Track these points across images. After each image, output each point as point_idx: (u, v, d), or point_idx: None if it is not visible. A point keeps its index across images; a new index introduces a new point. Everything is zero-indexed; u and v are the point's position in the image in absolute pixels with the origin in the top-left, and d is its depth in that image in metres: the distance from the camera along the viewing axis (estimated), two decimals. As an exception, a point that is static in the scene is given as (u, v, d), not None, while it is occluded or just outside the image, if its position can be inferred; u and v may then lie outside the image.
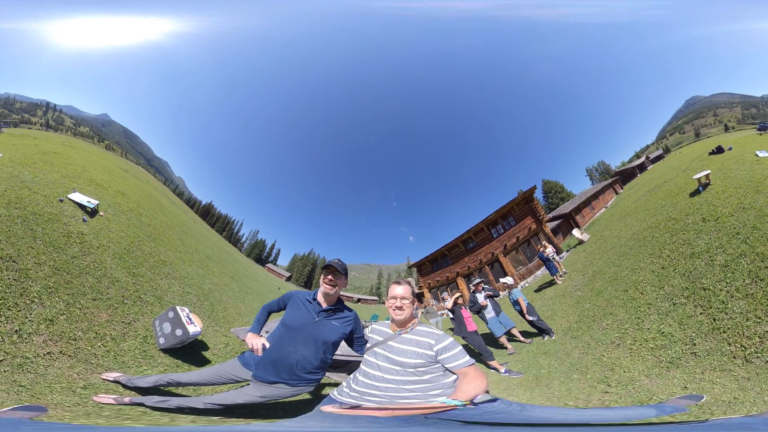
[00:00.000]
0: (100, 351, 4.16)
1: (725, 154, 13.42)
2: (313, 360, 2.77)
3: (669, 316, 5.44)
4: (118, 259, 6.40)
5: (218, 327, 7.05)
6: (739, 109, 20.51)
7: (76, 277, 4.91)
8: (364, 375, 2.31)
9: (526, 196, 17.84)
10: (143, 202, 12.67)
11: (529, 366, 6.27)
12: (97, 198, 8.76)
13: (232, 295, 9.92)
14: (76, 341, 4.02)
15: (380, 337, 2.49)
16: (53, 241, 5.35)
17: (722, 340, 4.35)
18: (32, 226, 5.38)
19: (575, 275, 11.30)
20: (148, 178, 19.58)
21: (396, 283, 2.52)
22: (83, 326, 4.29)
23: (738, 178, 9.19)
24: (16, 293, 4.00)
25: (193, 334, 4.84)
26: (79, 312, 4.42)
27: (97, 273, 5.42)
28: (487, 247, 18.31)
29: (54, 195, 7.02)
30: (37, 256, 4.78)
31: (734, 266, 5.47)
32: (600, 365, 5.14)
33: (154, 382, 3.25)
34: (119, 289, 5.55)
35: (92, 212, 7.54)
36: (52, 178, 8.10)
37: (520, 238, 17.45)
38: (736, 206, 7.38)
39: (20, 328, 3.66)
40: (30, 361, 3.40)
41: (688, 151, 18.61)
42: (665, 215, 9.68)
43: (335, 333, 2.82)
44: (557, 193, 21.10)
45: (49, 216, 5.94)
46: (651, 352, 4.83)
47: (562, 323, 7.93)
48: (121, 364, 4.13)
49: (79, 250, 5.60)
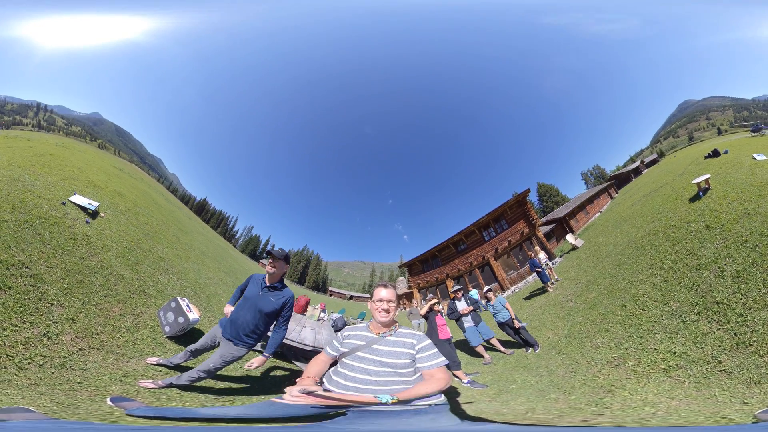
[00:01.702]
0: (120, 341, 4.48)
1: (721, 158, 12.74)
2: (251, 324, 3.55)
3: (680, 334, 4.86)
4: (121, 258, 6.61)
5: (214, 318, 7.33)
6: (731, 112, 20.10)
7: (86, 277, 5.15)
8: (345, 378, 2.14)
9: (520, 199, 17.20)
10: (139, 201, 12.72)
11: (500, 379, 5.87)
12: (96, 199, 8.87)
13: (227, 289, 10.15)
14: (99, 335, 4.31)
15: (361, 341, 2.34)
16: (61, 244, 5.54)
17: (752, 353, 3.90)
18: (39, 230, 5.54)
19: (568, 284, 10.68)
20: (142, 176, 19.42)
21: (382, 286, 2.50)
22: (101, 321, 4.57)
23: (738, 183, 8.70)
24: (35, 298, 4.17)
25: (192, 321, 5.25)
26: (95, 309, 4.69)
27: (105, 271, 5.65)
28: (478, 250, 17.74)
29: (56, 198, 7.14)
30: (48, 260, 4.96)
31: (747, 276, 5.00)
32: (592, 386, 4.58)
33: (182, 358, 4.01)
34: (126, 285, 5.80)
35: (93, 214, 7.67)
36: (51, 180, 8.17)
37: (512, 242, 16.79)
38: (741, 212, 6.88)
39: (47, 330, 3.89)
40: (68, 359, 3.66)
41: (683, 155, 17.91)
42: (664, 222, 9.07)
43: (270, 306, 3.57)
44: (552, 196, 20.67)
45: (54, 219, 6.10)
46: (665, 374, 4.29)
47: (550, 336, 7.34)
48: (139, 351, 4.47)
49: (86, 251, 5.82)
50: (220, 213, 21.11)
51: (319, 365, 2.35)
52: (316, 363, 2.37)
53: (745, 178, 8.83)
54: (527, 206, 16.87)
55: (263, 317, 3.57)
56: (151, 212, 12.60)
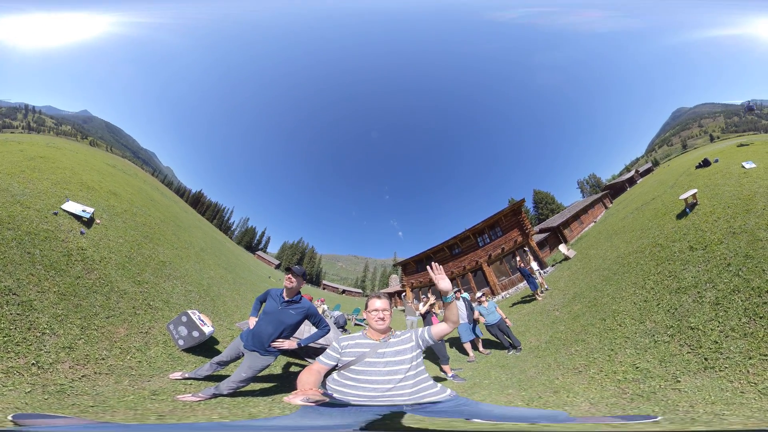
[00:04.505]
0: (133, 363, 4.10)
1: (712, 167, 12.22)
2: (273, 336, 3.71)
3: (648, 352, 4.71)
4: (121, 270, 6.05)
5: (222, 321, 6.96)
6: (722, 118, 19.44)
7: (84, 299, 4.60)
8: (358, 381, 2.24)
9: (515, 208, 16.77)
10: (135, 200, 11.91)
11: (478, 375, 5.96)
12: (90, 203, 8.15)
13: (228, 287, 9.70)
14: (105, 360, 3.91)
15: (366, 348, 2.39)
16: (54, 263, 4.90)
17: (720, 378, 3.69)
18: (29, 248, 4.88)
19: (556, 294, 10.44)
20: (136, 171, 18.33)
21: (376, 297, 2.59)
22: (105, 345, 4.13)
23: (726, 196, 8.28)
24: (22, 328, 3.64)
25: (208, 334, 5.00)
26: (96, 333, 4.21)
27: (105, 289, 5.11)
28: (472, 255, 17.42)
29: (47, 208, 6.44)
30: (39, 283, 4.36)
31: (727, 304, 4.70)
32: (546, 386, 4.66)
33: (209, 369, 4.00)
34: (129, 301, 5.29)
35: (89, 221, 7.01)
36: (42, 187, 7.41)
37: (505, 249, 16.49)
38: (726, 231, 6.48)
39: (37, 360, 3.41)
40: (68, 386, 3.25)
41: (676, 163, 17.43)
42: (651, 240, 8.67)
43: (291, 318, 3.77)
44: (547, 204, 20.01)
45: (45, 234, 5.44)
46: (616, 384, 4.26)
47: (532, 341, 7.35)
48: (157, 369, 4.13)
49: (82, 268, 5.22)
50: (215, 205, 20.24)
51: (313, 375, 2.29)
52: (310, 373, 2.29)
53: (733, 189, 8.49)
54: (522, 215, 16.57)
55: (286, 328, 3.76)
56: (149, 210, 11.84)
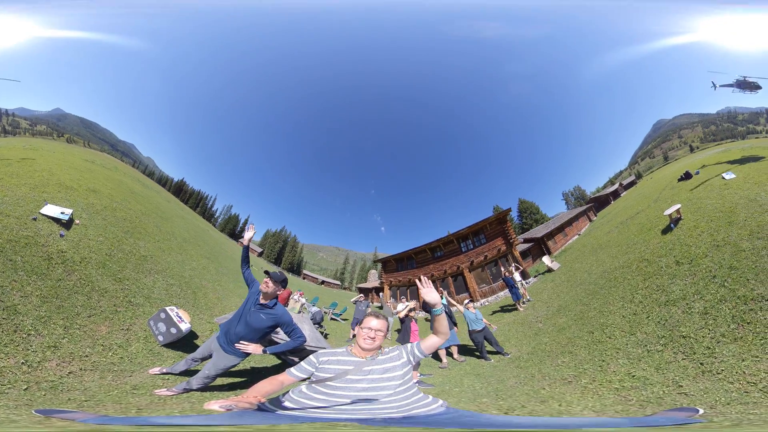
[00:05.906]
0: (115, 359, 4.39)
1: (693, 180, 12.21)
2: (240, 335, 3.61)
3: (642, 361, 4.63)
4: (102, 268, 6.33)
5: (202, 315, 7.28)
6: (699, 128, 19.48)
7: (65, 300, 4.92)
8: (330, 396, 2.07)
9: (501, 216, 16.56)
10: (115, 195, 11.93)
11: (449, 382, 5.65)
12: (69, 203, 8.28)
13: (210, 278, 9.99)
14: (88, 357, 4.21)
15: (349, 366, 2.21)
16: (35, 268, 5.17)
17: (720, 380, 3.71)
18: (10, 256, 5.11)
19: (539, 305, 10.19)
20: (115, 164, 18.05)
21: (374, 316, 2.46)
22: (88, 343, 4.46)
23: (708, 209, 8.36)
24: (8, 330, 3.93)
25: (185, 330, 5.20)
26: (79, 332, 4.54)
27: (86, 289, 5.42)
28: (454, 260, 17.06)
29: (26, 214, 6.60)
30: (21, 288, 4.62)
31: (715, 313, 4.81)
32: (529, 396, 4.38)
33: (186, 365, 4.06)
34: (110, 299, 5.61)
35: (68, 223, 7.19)
36: (20, 193, 7.50)
37: (488, 257, 16.11)
38: (710, 244, 6.62)
39: (26, 359, 3.76)
40: (59, 382, 3.56)
41: (659, 176, 17.32)
42: (637, 255, 8.62)
43: (259, 323, 3.62)
44: (532, 214, 19.12)
45: (25, 241, 5.67)
46: (614, 393, 4.07)
47: (513, 351, 7.12)
48: (137, 365, 4.42)
49: (63, 270, 5.51)
50: (198, 193, 20.17)
51: (272, 386, 2.13)
52: (270, 383, 2.14)
53: (715, 202, 8.60)
54: (507, 225, 16.34)
55: (252, 331, 3.62)
56: (129, 204, 11.89)
